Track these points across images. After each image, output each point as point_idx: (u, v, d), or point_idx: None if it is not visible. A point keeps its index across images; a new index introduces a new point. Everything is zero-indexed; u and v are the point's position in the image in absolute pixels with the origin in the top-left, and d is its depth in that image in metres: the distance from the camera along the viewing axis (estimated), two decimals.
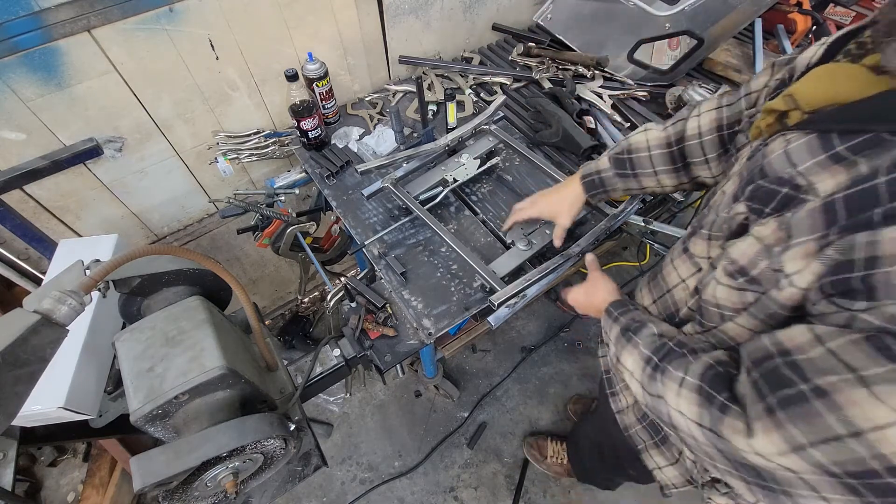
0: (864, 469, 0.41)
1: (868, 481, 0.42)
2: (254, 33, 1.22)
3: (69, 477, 1.62)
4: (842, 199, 0.46)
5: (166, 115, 1.24)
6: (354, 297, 1.12)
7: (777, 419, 0.46)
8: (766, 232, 0.54)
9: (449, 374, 2.04)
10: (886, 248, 0.42)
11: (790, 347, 0.48)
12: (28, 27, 0.94)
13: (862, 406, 0.41)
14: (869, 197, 0.44)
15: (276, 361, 1.00)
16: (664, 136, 0.88)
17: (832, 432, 0.42)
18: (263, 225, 1.31)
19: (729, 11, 1.36)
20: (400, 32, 1.50)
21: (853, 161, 0.47)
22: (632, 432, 0.93)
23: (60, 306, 0.63)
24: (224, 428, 0.74)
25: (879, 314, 0.42)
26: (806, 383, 0.45)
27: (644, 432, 0.90)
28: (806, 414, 0.44)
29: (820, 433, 0.43)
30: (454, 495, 1.78)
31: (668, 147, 0.87)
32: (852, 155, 0.48)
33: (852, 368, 0.42)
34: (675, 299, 0.75)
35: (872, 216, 0.43)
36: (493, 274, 1.01)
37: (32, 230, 1.21)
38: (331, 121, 1.43)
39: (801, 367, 0.46)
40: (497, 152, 1.32)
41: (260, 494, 1.00)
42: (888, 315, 0.42)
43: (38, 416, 0.87)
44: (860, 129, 0.48)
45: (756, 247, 0.55)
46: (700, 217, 0.73)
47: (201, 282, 0.95)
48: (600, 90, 1.47)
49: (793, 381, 0.46)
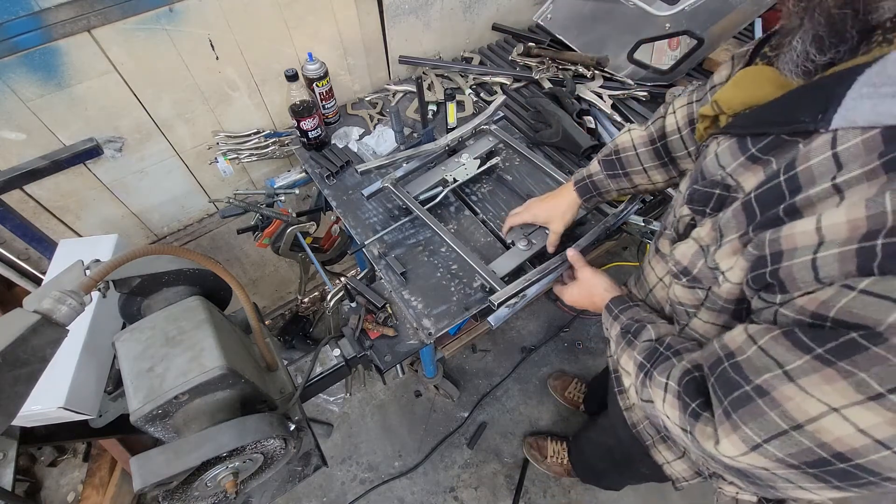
0: (816, 458, 0.43)
1: (824, 469, 0.43)
2: (254, 33, 1.22)
3: (69, 477, 1.61)
4: (756, 197, 0.49)
5: (166, 115, 1.24)
6: (354, 297, 1.12)
7: (733, 421, 0.48)
8: (703, 233, 0.57)
9: (449, 374, 2.04)
10: (786, 243, 0.44)
11: (733, 349, 0.51)
12: (28, 27, 0.94)
13: (794, 400, 0.43)
14: (774, 194, 0.47)
15: (276, 361, 1.00)
16: (647, 133, 0.90)
17: (779, 427, 0.44)
18: (263, 225, 1.31)
19: (729, 11, 1.36)
20: (400, 32, 1.50)
21: (767, 160, 0.51)
22: (640, 428, 0.94)
23: (60, 306, 0.63)
24: (224, 428, 0.74)
25: (792, 307, 0.45)
26: (748, 384, 0.47)
27: (650, 427, 0.91)
28: (754, 413, 0.46)
29: (769, 430, 0.45)
30: (454, 495, 1.78)
31: (653, 143, 0.89)
32: (764, 154, 0.51)
33: (779, 364, 0.44)
34: (658, 298, 0.78)
35: (778, 212, 0.46)
36: (493, 274, 1.01)
37: (32, 230, 1.21)
38: (331, 121, 1.43)
39: (742, 367, 0.48)
40: (497, 152, 1.32)
41: (260, 494, 1.00)
42: (798, 307, 0.45)
43: (38, 416, 0.87)
44: (764, 132, 0.52)
45: (694, 248, 0.58)
46: (665, 216, 0.76)
47: (201, 282, 0.95)
48: (600, 90, 1.47)
49: (739, 382, 0.48)
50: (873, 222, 0.38)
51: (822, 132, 0.44)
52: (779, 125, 0.50)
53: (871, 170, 0.39)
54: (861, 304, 0.39)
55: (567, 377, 2.00)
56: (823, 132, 0.44)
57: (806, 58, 0.49)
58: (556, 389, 1.98)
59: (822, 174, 0.43)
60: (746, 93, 0.59)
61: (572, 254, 0.99)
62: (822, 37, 0.47)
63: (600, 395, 1.22)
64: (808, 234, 0.42)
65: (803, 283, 0.43)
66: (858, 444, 0.40)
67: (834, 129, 0.43)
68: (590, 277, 0.93)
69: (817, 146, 0.44)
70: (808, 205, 0.44)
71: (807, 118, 0.45)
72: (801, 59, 0.50)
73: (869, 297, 0.38)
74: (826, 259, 0.41)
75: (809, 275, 0.42)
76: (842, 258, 0.40)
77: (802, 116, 0.46)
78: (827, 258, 0.41)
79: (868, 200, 0.38)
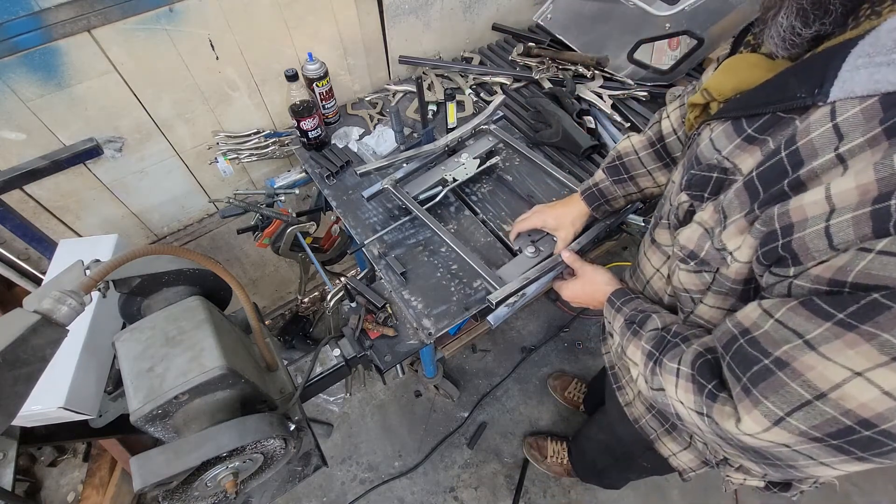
0: (840, 427, 0.42)
1: (848, 439, 0.43)
2: (254, 33, 1.22)
3: (69, 477, 1.62)
4: (757, 176, 0.50)
5: (166, 115, 1.24)
6: (354, 297, 1.12)
7: (754, 397, 0.48)
8: (706, 216, 0.58)
9: (449, 374, 2.04)
10: (795, 215, 0.45)
11: (748, 326, 0.51)
12: (28, 27, 0.94)
13: (816, 368, 0.43)
14: (777, 170, 0.48)
15: (276, 361, 1.00)
16: (646, 138, 0.92)
17: (802, 398, 0.44)
18: (263, 225, 1.31)
19: (729, 11, 1.36)
20: (400, 32, 1.50)
21: (764, 139, 0.52)
22: (642, 423, 0.94)
23: (60, 306, 0.63)
24: (224, 428, 0.74)
25: (807, 277, 0.45)
26: (767, 357, 0.47)
27: (654, 421, 0.91)
28: (775, 385, 0.46)
29: (792, 401, 0.45)
30: (454, 495, 1.78)
31: (653, 146, 0.90)
32: (760, 134, 0.52)
33: (799, 334, 0.44)
34: (655, 289, 0.78)
35: (783, 187, 0.47)
36: (496, 276, 1.01)
37: (32, 230, 1.21)
38: (331, 121, 1.43)
39: (759, 342, 0.48)
40: (497, 152, 1.32)
41: (260, 494, 1.00)
42: (813, 276, 0.44)
43: (38, 416, 0.87)
44: (760, 112, 0.53)
45: (699, 231, 0.59)
46: (659, 207, 0.77)
47: (201, 282, 0.95)
48: (600, 90, 1.47)
49: (757, 357, 0.48)
50: (884, 184, 0.38)
51: (821, 105, 0.44)
52: (774, 103, 0.51)
53: (873, 137, 0.40)
54: (880, 264, 0.39)
55: (567, 377, 2.01)
56: (822, 105, 0.44)
57: (792, 31, 0.50)
58: (556, 389, 1.98)
59: (824, 146, 0.43)
60: (737, 78, 0.60)
61: (567, 255, 0.99)
62: (807, 9, 0.48)
63: (600, 395, 1.22)
64: (818, 204, 0.43)
65: (817, 251, 0.43)
66: (883, 407, 0.40)
67: (832, 101, 0.43)
68: (590, 272, 0.93)
69: (816, 119, 0.44)
70: (813, 177, 0.44)
71: (803, 93, 0.46)
72: (788, 34, 0.51)
73: (887, 257, 0.38)
74: (840, 225, 0.41)
75: (823, 242, 0.42)
76: (856, 222, 0.40)
77: (799, 92, 0.47)
78: (841, 224, 0.41)
79: (876, 164, 0.39)
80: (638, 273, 0.84)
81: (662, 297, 0.77)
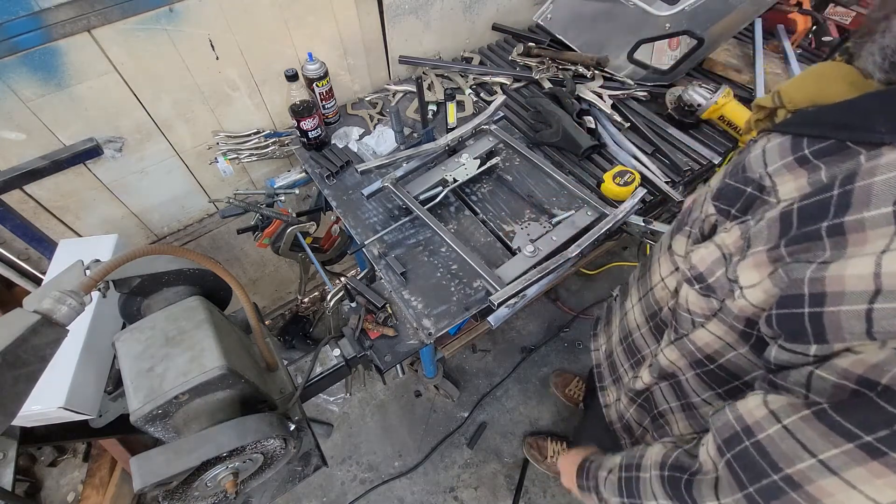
0: None
1: None
2: (254, 33, 1.22)
3: (69, 477, 1.61)
4: (799, 210, 0.44)
5: (166, 115, 1.24)
6: (354, 297, 1.12)
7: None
8: (729, 240, 0.53)
9: (449, 374, 2.04)
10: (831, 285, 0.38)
11: (750, 424, 0.45)
12: (28, 27, 0.94)
13: (836, 496, 0.38)
14: (820, 207, 0.42)
15: (276, 361, 1.00)
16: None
17: None
18: (263, 225, 1.31)
19: (729, 11, 1.36)
20: (400, 32, 1.50)
21: (816, 165, 0.46)
22: (614, 427, 0.94)
23: (60, 306, 0.63)
24: (224, 428, 0.74)
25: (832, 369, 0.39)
26: (777, 472, 0.42)
27: (621, 430, 0.90)
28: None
29: None
30: (454, 495, 1.78)
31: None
32: (816, 159, 0.46)
33: (811, 452, 0.39)
34: (656, 298, 0.74)
35: (820, 229, 0.41)
36: (495, 276, 1.01)
37: (32, 230, 1.21)
38: (331, 121, 1.43)
39: (767, 451, 0.43)
40: (497, 152, 1.32)
41: (260, 494, 1.00)
42: (840, 370, 0.39)
43: (38, 416, 0.87)
44: (826, 135, 0.46)
45: (716, 254, 0.54)
46: (687, 211, 0.70)
47: (201, 282, 0.95)
48: (600, 90, 1.47)
49: (765, 470, 0.43)
50: None
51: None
52: (847, 130, 0.44)
53: None
54: None
55: (569, 375, 2.01)
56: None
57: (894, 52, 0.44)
58: (558, 386, 1.98)
59: (884, 196, 0.37)
60: (817, 87, 0.54)
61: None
62: None
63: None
64: (862, 280, 0.37)
65: (850, 334, 0.37)
66: None
67: None
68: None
69: (888, 162, 0.38)
70: (858, 229, 0.38)
71: (883, 129, 0.40)
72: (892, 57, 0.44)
73: None
74: (886, 312, 0.35)
75: (861, 326, 0.37)
76: None
77: (878, 125, 0.41)
78: (886, 311, 0.35)
79: None
80: (646, 277, 0.79)
81: (662, 308, 0.72)
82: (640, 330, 0.79)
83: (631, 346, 0.83)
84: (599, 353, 1.00)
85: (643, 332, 0.78)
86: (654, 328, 0.75)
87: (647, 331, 0.77)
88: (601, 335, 1.01)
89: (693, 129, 1.37)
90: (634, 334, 0.81)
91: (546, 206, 1.22)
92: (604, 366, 0.98)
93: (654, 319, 0.74)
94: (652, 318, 0.75)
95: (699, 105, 1.30)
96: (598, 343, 1.02)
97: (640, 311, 0.79)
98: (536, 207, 1.22)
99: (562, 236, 1.09)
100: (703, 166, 1.28)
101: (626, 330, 0.85)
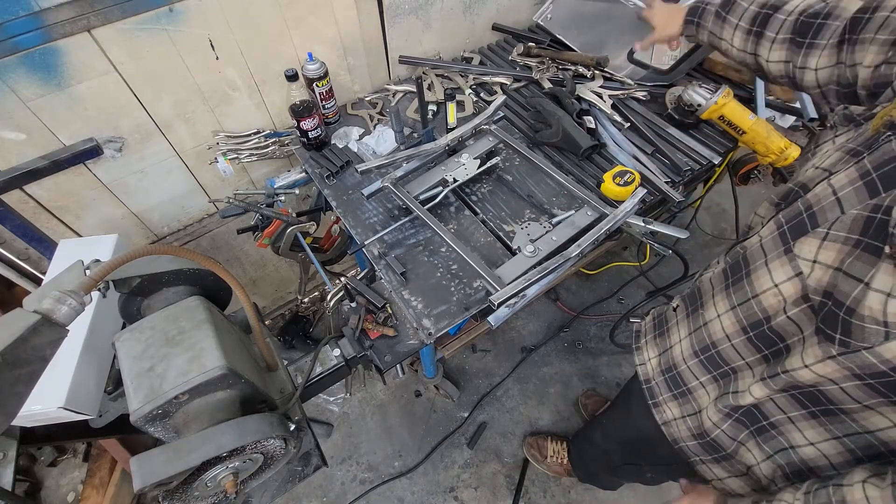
0: None
1: None
2: (254, 33, 1.22)
3: (69, 477, 1.62)
4: None
5: (166, 115, 1.24)
6: (354, 297, 1.12)
7: None
8: None
9: (449, 374, 2.04)
10: None
11: None
12: (28, 27, 0.94)
13: None
14: None
15: (276, 361, 1.00)
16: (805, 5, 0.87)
17: None
18: (263, 225, 1.31)
19: None
20: (400, 32, 1.50)
21: None
22: (682, 445, 0.89)
23: (60, 306, 0.63)
24: (224, 428, 0.74)
25: None
26: None
27: (698, 448, 0.86)
28: None
29: None
30: (454, 495, 1.78)
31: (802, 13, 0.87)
32: None
33: None
34: (763, 306, 0.66)
35: None
36: (495, 276, 1.01)
37: (32, 230, 1.21)
38: (331, 121, 1.43)
39: None
40: (497, 152, 1.32)
41: (260, 494, 1.00)
42: None
43: (38, 416, 0.87)
44: None
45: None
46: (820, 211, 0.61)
47: (201, 282, 0.95)
48: (600, 90, 1.47)
49: None
50: None
51: None
52: None
53: None
54: None
55: (600, 397, 1.95)
56: None
57: None
58: (587, 409, 1.92)
59: None
60: None
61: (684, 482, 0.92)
62: None
63: None
64: None
65: None
66: None
67: None
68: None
69: None
70: None
71: None
72: None
73: None
74: None
75: None
76: None
77: None
78: None
79: None
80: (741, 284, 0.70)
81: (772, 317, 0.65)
82: (730, 341, 0.73)
83: (713, 359, 0.78)
84: (647, 368, 0.94)
85: (736, 342, 0.73)
86: (757, 338, 0.69)
87: (742, 342, 0.72)
88: (649, 348, 0.96)
89: (693, 129, 1.37)
90: (722, 346, 0.75)
91: (546, 206, 1.22)
92: (657, 381, 0.93)
93: (755, 329, 0.69)
94: (753, 328, 0.69)
95: (699, 105, 1.30)
96: (643, 356, 0.96)
97: (733, 321, 0.72)
98: (536, 207, 1.22)
99: (562, 236, 1.09)
100: (703, 166, 1.28)
101: (705, 341, 0.78)
